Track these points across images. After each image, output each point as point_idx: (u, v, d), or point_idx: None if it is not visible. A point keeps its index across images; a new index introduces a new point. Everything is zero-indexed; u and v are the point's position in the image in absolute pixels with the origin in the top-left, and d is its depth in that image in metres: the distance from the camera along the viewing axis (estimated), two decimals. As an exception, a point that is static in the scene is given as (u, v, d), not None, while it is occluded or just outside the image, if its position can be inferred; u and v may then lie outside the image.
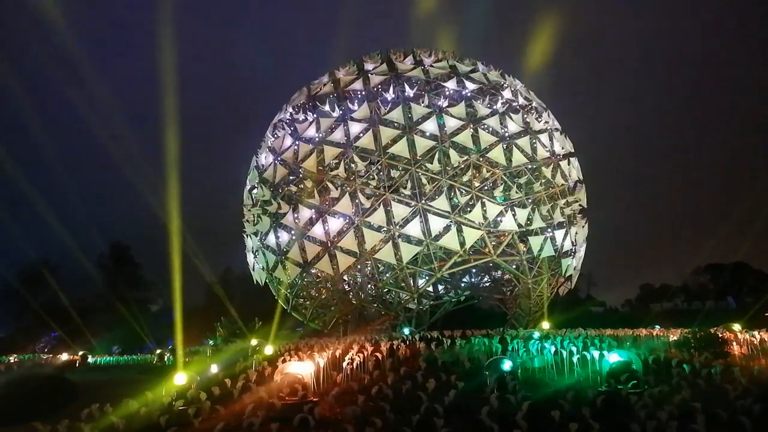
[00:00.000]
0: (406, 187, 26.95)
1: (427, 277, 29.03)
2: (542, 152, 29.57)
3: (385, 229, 27.23)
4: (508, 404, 12.96)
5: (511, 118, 29.38)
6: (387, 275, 29.42)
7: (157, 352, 39.66)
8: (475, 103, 29.18)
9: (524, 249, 28.82)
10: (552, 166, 29.84)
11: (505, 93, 30.91)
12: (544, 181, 29.35)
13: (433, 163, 27.26)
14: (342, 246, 27.51)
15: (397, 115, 28.30)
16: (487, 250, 28.20)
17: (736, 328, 25.66)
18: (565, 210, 29.84)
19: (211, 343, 34.97)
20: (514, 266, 29.36)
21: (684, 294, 69.08)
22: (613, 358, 15.85)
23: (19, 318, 59.78)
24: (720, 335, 20.44)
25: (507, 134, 29.09)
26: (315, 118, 30.72)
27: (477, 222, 27.29)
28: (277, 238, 30.38)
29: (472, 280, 36.36)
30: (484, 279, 36.36)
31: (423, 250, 27.19)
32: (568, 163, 30.99)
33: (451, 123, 28.13)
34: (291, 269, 29.77)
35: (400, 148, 27.42)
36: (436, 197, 26.81)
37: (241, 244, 35.68)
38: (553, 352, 18.47)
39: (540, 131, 30.37)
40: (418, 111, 28.42)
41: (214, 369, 20.71)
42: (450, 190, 26.85)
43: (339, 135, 28.97)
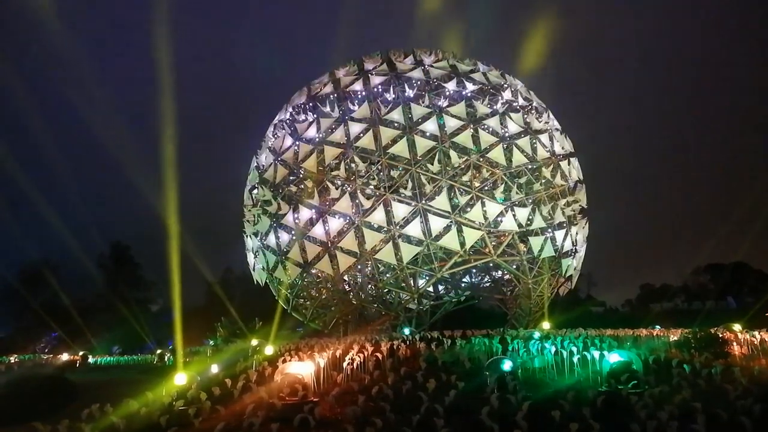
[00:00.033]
0: (407, 188, 26.94)
1: (427, 278, 29.04)
2: (542, 152, 29.58)
3: (386, 229, 27.23)
4: (509, 404, 12.96)
5: (511, 118, 29.39)
6: (387, 275, 29.43)
7: (158, 353, 39.71)
8: (476, 103, 29.21)
9: (524, 249, 28.81)
10: (552, 167, 29.85)
11: (505, 93, 30.93)
12: (544, 181, 29.37)
13: (433, 164, 27.28)
14: (342, 246, 27.52)
15: (397, 116, 28.32)
16: (487, 250, 28.20)
17: (737, 328, 25.62)
18: (566, 210, 29.84)
19: (212, 343, 35.00)
20: (514, 266, 29.36)
21: (684, 294, 69.01)
22: (614, 358, 15.84)
23: (20, 318, 59.79)
24: (720, 335, 20.44)
25: (507, 134, 29.10)
26: (315, 118, 30.73)
27: (477, 222, 27.31)
28: (278, 239, 30.36)
29: (473, 280, 36.39)
30: (485, 279, 36.37)
31: (423, 251, 27.20)
32: (568, 163, 31.01)
33: (451, 123, 28.14)
34: (291, 269, 29.78)
35: (401, 149, 27.44)
36: (437, 197, 26.80)
37: (241, 244, 35.70)
38: (553, 353, 18.46)
39: (540, 131, 30.38)
40: (418, 111, 28.46)
41: (215, 369, 20.71)
42: (450, 191, 26.84)
43: (339, 135, 28.97)
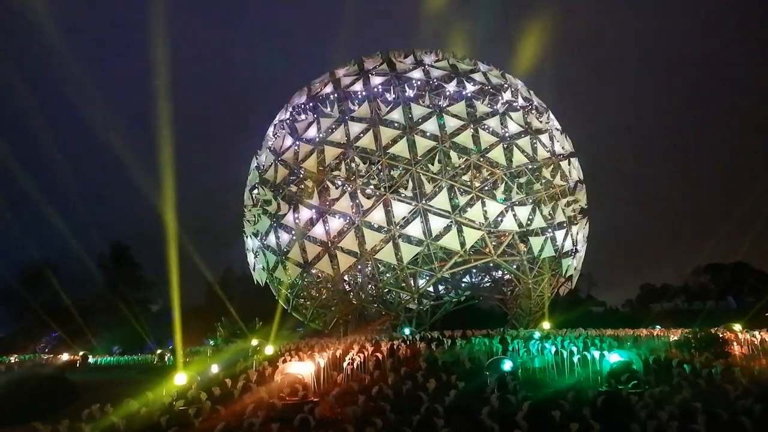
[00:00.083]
0: (407, 187, 26.94)
1: (427, 278, 29.04)
2: (542, 152, 29.56)
3: (386, 229, 27.22)
4: (509, 404, 12.96)
5: (511, 118, 29.37)
6: (387, 275, 29.43)
7: (158, 352, 39.71)
8: (476, 103, 29.20)
9: (525, 249, 28.81)
10: (552, 167, 29.85)
11: (506, 93, 30.92)
12: (544, 181, 29.36)
13: (433, 164, 27.27)
14: (342, 246, 27.52)
15: (397, 115, 28.32)
16: (487, 250, 28.20)
17: (737, 328, 25.60)
18: (566, 210, 29.83)
19: (212, 343, 35.01)
20: (514, 266, 29.36)
21: (684, 294, 68.94)
22: (614, 358, 15.82)
23: (20, 318, 59.80)
24: (720, 335, 20.42)
25: (507, 134, 29.10)
26: (315, 118, 30.71)
27: (477, 222, 27.31)
28: (278, 239, 30.36)
29: (473, 280, 36.39)
30: (485, 279, 36.36)
31: (423, 251, 27.20)
32: (569, 163, 31.00)
33: (452, 123, 28.13)
34: (291, 269, 29.78)
35: (401, 149, 27.43)
36: (437, 197, 26.79)
37: (241, 244, 35.70)
38: (553, 352, 18.44)
39: (540, 131, 30.37)
40: (419, 111, 28.44)
41: (215, 369, 20.69)
42: (450, 190, 26.83)
43: (339, 135, 28.97)
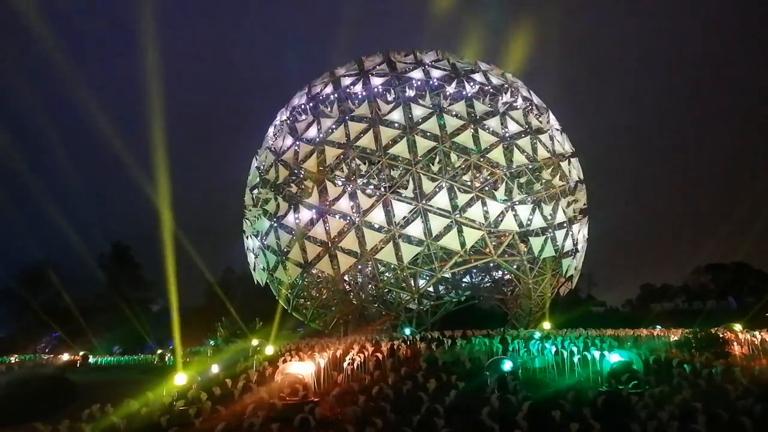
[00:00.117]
0: (407, 187, 26.94)
1: (427, 278, 29.04)
2: (543, 152, 29.55)
3: (386, 229, 27.21)
4: (509, 404, 12.95)
5: (511, 117, 29.37)
6: (388, 275, 29.43)
7: (158, 353, 39.74)
8: (476, 103, 29.17)
9: (525, 249, 28.79)
10: (552, 167, 29.83)
11: (506, 93, 30.90)
12: (544, 181, 29.34)
13: (433, 164, 27.26)
14: (343, 246, 27.51)
15: (397, 116, 28.31)
16: (487, 250, 28.19)
17: (737, 328, 25.57)
18: (566, 210, 29.82)
19: (212, 343, 34.99)
20: (514, 266, 29.34)
21: (685, 294, 68.89)
22: (614, 358, 15.81)
23: (20, 318, 59.88)
24: (721, 335, 20.40)
25: (507, 134, 29.08)
26: (315, 118, 30.72)
27: (478, 222, 27.29)
28: (278, 239, 30.34)
29: (473, 280, 36.37)
30: (485, 279, 36.34)
31: (424, 251, 27.19)
32: (569, 163, 30.98)
33: (452, 123, 28.13)
34: (292, 269, 29.77)
35: (401, 149, 27.42)
36: (437, 197, 26.79)
37: (241, 244, 35.70)
38: (553, 353, 18.42)
39: (540, 131, 30.35)
40: (419, 111, 28.43)
41: (215, 369, 20.69)
42: (450, 190, 26.83)
43: (339, 135, 28.97)
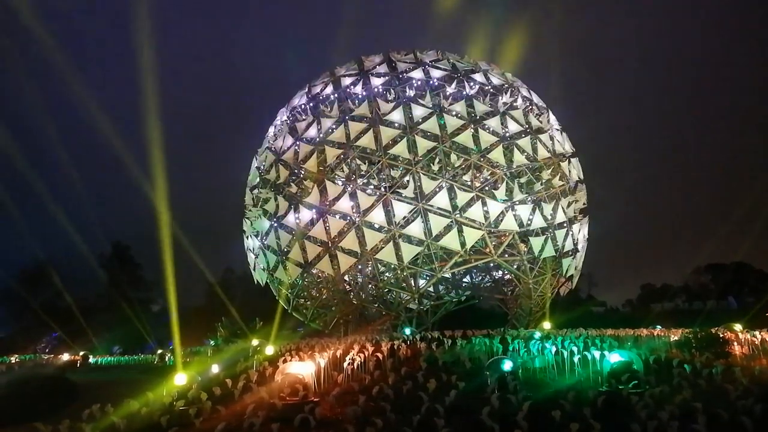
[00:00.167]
0: (407, 187, 26.94)
1: (428, 277, 29.03)
2: (543, 152, 29.54)
3: (386, 229, 27.19)
4: (509, 404, 12.97)
5: (511, 117, 29.36)
6: (388, 275, 29.42)
7: (158, 353, 39.72)
8: (476, 103, 29.16)
9: (525, 249, 28.78)
10: (552, 167, 29.82)
11: (506, 93, 30.89)
12: (544, 181, 29.33)
13: (434, 164, 27.25)
14: (343, 246, 27.49)
15: (397, 115, 28.30)
16: (487, 250, 28.18)
17: (737, 328, 25.58)
18: (566, 210, 29.82)
19: (212, 343, 34.98)
20: (515, 266, 29.33)
21: (685, 294, 68.87)
22: (614, 358, 15.83)
23: (20, 318, 59.89)
24: (721, 335, 20.40)
25: (507, 134, 29.08)
26: (315, 118, 30.72)
27: (478, 222, 27.28)
28: (278, 239, 30.34)
29: (473, 280, 36.36)
30: (485, 279, 36.33)
31: (424, 250, 27.18)
32: (569, 163, 30.97)
33: (452, 123, 28.12)
34: (292, 269, 29.75)
35: (401, 149, 27.42)
36: (437, 197, 26.78)
37: (241, 244, 35.69)
38: (554, 352, 18.43)
39: (540, 131, 30.34)
40: (419, 111, 28.42)
41: (215, 369, 20.70)
42: (451, 190, 26.83)
43: (339, 135, 28.96)
